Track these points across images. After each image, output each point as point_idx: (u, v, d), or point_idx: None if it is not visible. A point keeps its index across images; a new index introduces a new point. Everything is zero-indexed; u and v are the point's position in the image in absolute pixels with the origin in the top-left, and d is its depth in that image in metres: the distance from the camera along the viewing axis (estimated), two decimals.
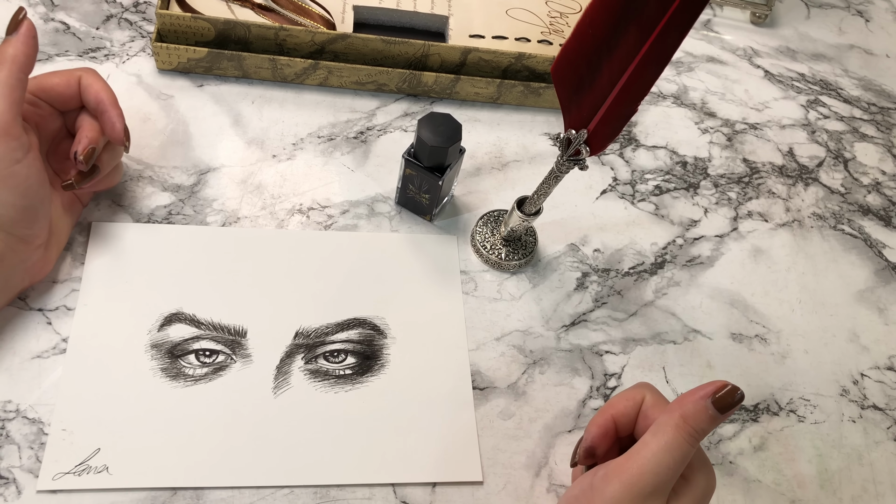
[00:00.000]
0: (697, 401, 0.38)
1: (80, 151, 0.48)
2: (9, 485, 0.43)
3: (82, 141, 0.48)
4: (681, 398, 0.39)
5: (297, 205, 0.58)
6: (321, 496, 0.46)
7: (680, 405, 0.39)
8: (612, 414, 0.44)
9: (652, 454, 0.38)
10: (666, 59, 0.41)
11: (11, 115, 0.42)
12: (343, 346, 0.51)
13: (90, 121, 0.49)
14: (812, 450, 0.54)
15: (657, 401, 0.43)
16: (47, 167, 0.49)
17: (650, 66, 0.41)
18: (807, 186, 0.69)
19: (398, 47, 0.63)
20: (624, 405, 0.44)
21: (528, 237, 0.59)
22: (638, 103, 0.43)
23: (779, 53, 0.79)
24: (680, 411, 0.38)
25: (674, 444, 0.38)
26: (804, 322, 0.60)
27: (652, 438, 0.38)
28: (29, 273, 0.48)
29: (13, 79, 0.43)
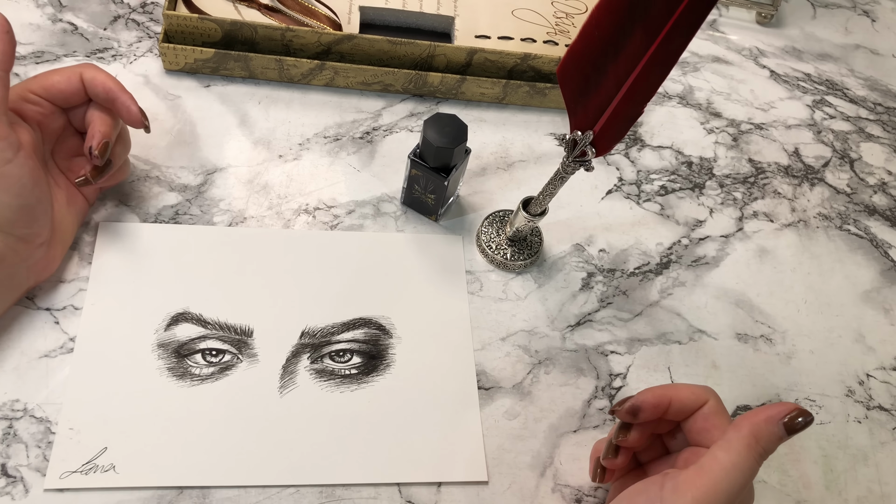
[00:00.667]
0: (769, 420, 0.39)
1: (95, 146, 0.48)
2: (16, 483, 0.44)
3: (95, 136, 0.48)
4: (751, 416, 0.39)
5: (303, 205, 0.58)
6: (327, 495, 0.46)
7: (750, 424, 0.39)
8: (672, 396, 0.43)
9: (724, 471, 0.38)
10: (672, 61, 0.41)
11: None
12: (349, 345, 0.52)
13: (101, 115, 0.49)
14: (817, 450, 0.54)
15: (719, 410, 0.43)
16: (50, 166, 0.50)
17: (656, 68, 0.41)
18: (812, 187, 0.69)
19: (404, 48, 0.63)
20: (686, 395, 0.43)
21: (534, 237, 0.59)
22: (644, 105, 0.43)
23: (785, 53, 0.79)
24: (751, 429, 0.38)
25: (745, 464, 0.38)
26: (810, 322, 0.60)
27: (724, 455, 0.38)
28: (33, 272, 0.48)
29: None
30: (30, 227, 0.45)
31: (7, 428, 0.45)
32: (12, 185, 0.43)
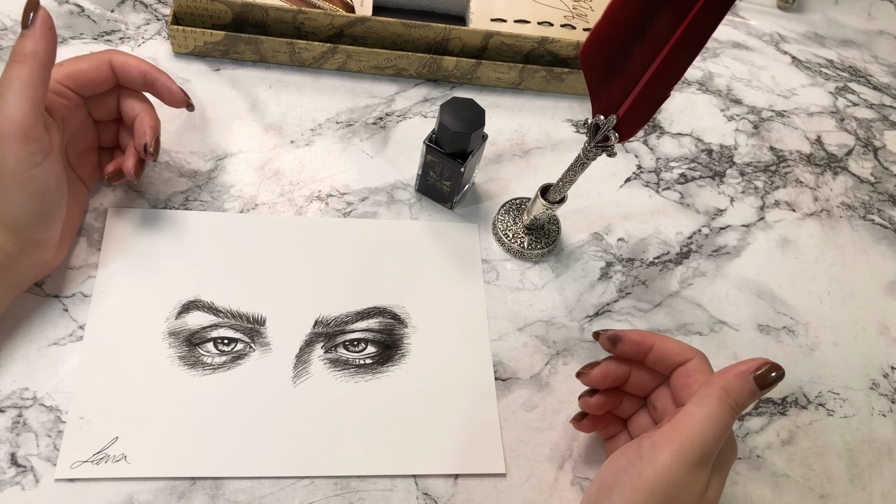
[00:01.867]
0: (739, 375, 0.39)
1: (150, 142, 0.47)
2: (27, 473, 0.43)
3: (147, 131, 0.47)
4: (722, 372, 0.40)
5: (315, 191, 0.57)
6: (341, 487, 0.45)
7: (722, 378, 0.40)
8: (657, 342, 0.44)
9: (699, 423, 0.38)
10: (702, 42, 0.39)
11: (33, 116, 0.40)
12: (363, 335, 0.50)
13: (143, 106, 0.49)
14: (841, 444, 0.53)
15: (703, 368, 0.43)
16: (65, 162, 0.48)
17: (685, 49, 0.40)
18: (835, 175, 0.68)
19: (418, 31, 0.62)
20: (671, 346, 0.44)
21: (552, 226, 0.58)
22: (671, 88, 0.42)
23: (806, 39, 0.77)
24: (722, 384, 0.39)
25: (718, 416, 0.38)
26: (833, 314, 0.59)
27: (696, 409, 0.39)
28: (41, 269, 0.47)
29: (35, 77, 0.40)
30: (46, 231, 0.44)
31: (17, 417, 0.44)
32: (37, 189, 0.41)
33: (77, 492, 0.43)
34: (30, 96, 0.40)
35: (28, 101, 0.40)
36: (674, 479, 0.38)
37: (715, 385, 0.39)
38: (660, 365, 0.44)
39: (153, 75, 0.48)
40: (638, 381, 0.46)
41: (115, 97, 0.50)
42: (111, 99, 0.50)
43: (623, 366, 0.46)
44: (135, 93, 0.50)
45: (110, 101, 0.50)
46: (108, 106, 0.50)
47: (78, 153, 0.50)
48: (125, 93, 0.49)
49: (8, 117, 0.39)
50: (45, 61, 0.41)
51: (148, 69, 0.48)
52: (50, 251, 0.46)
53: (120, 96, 0.50)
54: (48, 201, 0.43)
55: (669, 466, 0.38)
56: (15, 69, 0.40)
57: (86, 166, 0.51)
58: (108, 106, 0.50)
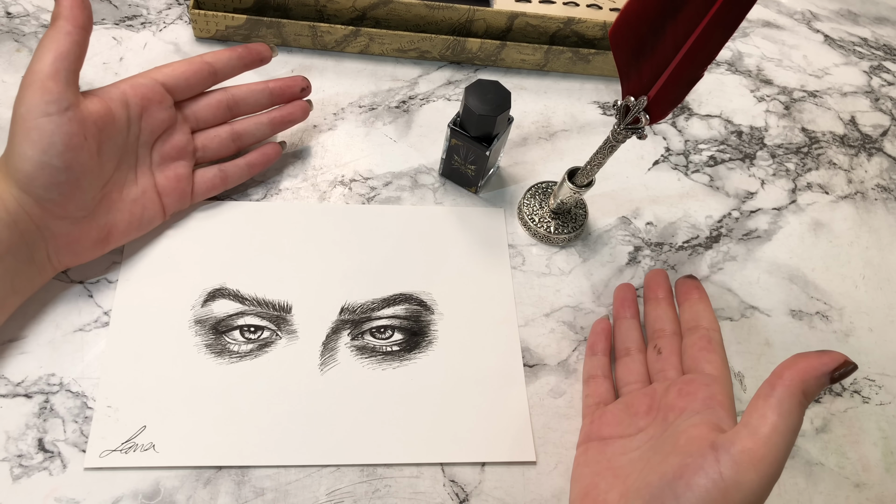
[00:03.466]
0: (821, 376, 0.34)
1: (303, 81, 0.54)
2: (54, 458, 0.43)
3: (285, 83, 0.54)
4: (800, 370, 0.35)
5: (338, 176, 0.56)
6: (368, 474, 0.45)
7: (800, 378, 0.34)
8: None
9: (782, 437, 0.34)
10: (738, 20, 0.38)
11: (53, 69, 0.41)
12: (390, 321, 0.50)
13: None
14: (877, 432, 0.52)
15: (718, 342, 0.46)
16: (142, 156, 0.48)
17: (719, 28, 0.39)
18: (870, 157, 0.66)
19: (442, 12, 0.61)
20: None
21: (578, 210, 0.57)
22: (705, 68, 0.41)
23: (839, 17, 0.75)
24: (801, 386, 0.34)
25: (797, 423, 0.34)
26: (868, 299, 0.57)
27: (779, 419, 0.34)
28: (54, 247, 0.44)
29: (61, 33, 0.41)
30: (48, 190, 0.42)
31: (43, 402, 0.44)
32: (41, 138, 0.41)
33: (104, 477, 0.43)
34: (53, 50, 0.41)
35: (50, 55, 0.41)
36: (756, 501, 0.34)
37: (794, 386, 0.34)
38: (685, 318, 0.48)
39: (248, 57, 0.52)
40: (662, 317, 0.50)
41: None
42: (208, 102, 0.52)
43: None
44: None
45: (206, 105, 0.51)
46: (197, 113, 0.51)
47: (162, 157, 0.49)
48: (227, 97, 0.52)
49: (31, 69, 0.41)
50: (70, 18, 0.42)
51: (242, 52, 0.52)
52: (60, 224, 0.44)
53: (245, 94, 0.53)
54: (51, 155, 0.41)
55: (757, 491, 0.34)
56: (48, 30, 0.42)
57: (170, 176, 0.49)
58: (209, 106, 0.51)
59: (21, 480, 0.42)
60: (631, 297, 0.52)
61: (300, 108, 0.54)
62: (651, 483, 0.37)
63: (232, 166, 0.52)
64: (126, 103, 0.46)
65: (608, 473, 0.42)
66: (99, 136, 0.44)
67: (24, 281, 0.44)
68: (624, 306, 0.52)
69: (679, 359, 0.47)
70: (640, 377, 0.48)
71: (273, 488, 0.44)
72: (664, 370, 0.47)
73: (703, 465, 0.35)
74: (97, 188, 0.45)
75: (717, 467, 0.35)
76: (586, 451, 0.45)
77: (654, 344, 0.49)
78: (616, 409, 0.46)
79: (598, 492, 0.41)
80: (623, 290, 0.53)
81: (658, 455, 0.39)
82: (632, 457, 0.42)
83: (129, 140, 0.47)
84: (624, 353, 0.50)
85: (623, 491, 0.39)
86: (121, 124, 0.45)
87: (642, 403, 0.45)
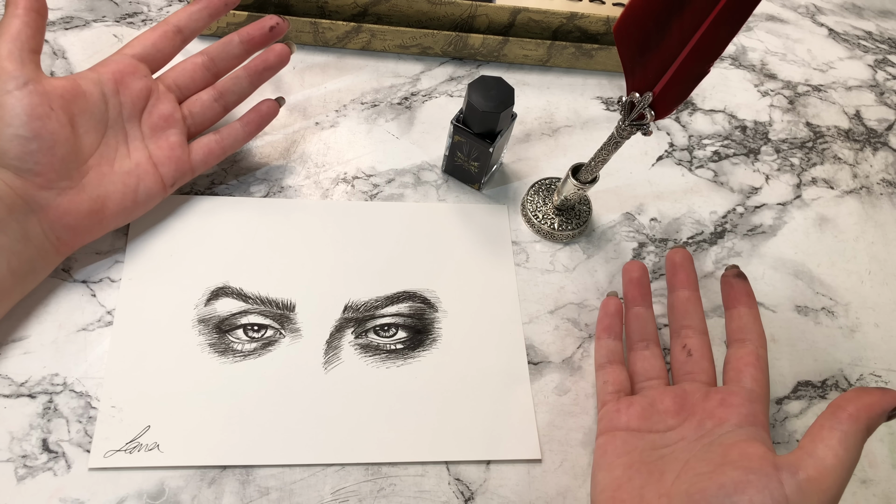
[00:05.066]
0: (884, 413, 0.36)
1: (273, 20, 0.52)
2: (58, 459, 0.43)
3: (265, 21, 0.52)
4: (865, 406, 0.36)
5: (341, 174, 0.56)
6: (372, 473, 0.45)
7: (867, 417, 0.36)
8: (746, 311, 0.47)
9: (845, 469, 0.35)
10: (745, 15, 0.38)
11: (6, 49, 0.42)
12: (393, 319, 0.50)
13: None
14: (884, 428, 0.51)
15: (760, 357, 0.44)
16: (132, 128, 0.48)
17: (726, 22, 0.38)
18: (875, 151, 0.65)
19: (444, 8, 0.60)
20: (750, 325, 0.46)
21: (582, 206, 0.57)
22: (711, 64, 0.40)
23: (844, 10, 0.75)
24: (867, 423, 0.36)
25: (857, 456, 0.36)
26: (874, 294, 0.57)
27: (844, 452, 0.35)
28: (46, 220, 0.44)
29: (10, 17, 0.43)
30: (22, 160, 0.42)
31: (47, 402, 0.44)
32: (4, 114, 0.42)
33: (108, 477, 0.42)
34: (4, 34, 0.43)
35: (3, 40, 0.43)
36: None
37: (860, 422, 0.36)
38: (733, 328, 0.46)
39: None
40: (691, 311, 0.49)
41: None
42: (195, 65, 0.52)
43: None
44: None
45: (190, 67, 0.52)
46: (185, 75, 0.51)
47: (152, 128, 0.49)
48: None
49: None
50: (19, 2, 0.43)
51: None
52: (44, 194, 0.44)
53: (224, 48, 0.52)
54: (17, 126, 0.42)
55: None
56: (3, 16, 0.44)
57: (162, 146, 0.49)
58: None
59: (26, 481, 0.42)
60: (646, 283, 0.51)
61: (274, 52, 0.52)
62: (706, 490, 0.37)
63: (227, 128, 0.52)
64: (98, 80, 0.46)
65: (642, 468, 0.41)
66: (68, 108, 0.44)
67: (24, 262, 0.43)
68: (639, 293, 0.50)
69: (711, 364, 0.46)
70: (660, 373, 0.47)
71: (278, 487, 0.43)
72: (693, 373, 0.46)
73: (767, 485, 0.35)
74: (77, 158, 0.45)
75: (783, 490, 0.35)
76: (613, 440, 0.44)
77: (682, 343, 0.47)
78: (640, 402, 0.45)
79: (631, 486, 0.40)
80: (636, 270, 0.51)
81: (703, 462, 0.39)
82: (664, 454, 0.41)
83: (110, 114, 0.47)
84: (642, 345, 0.48)
85: (663, 491, 0.39)
86: (94, 98, 0.46)
87: (670, 402, 0.44)
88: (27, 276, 0.44)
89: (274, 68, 0.53)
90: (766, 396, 0.43)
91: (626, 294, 0.50)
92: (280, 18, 0.52)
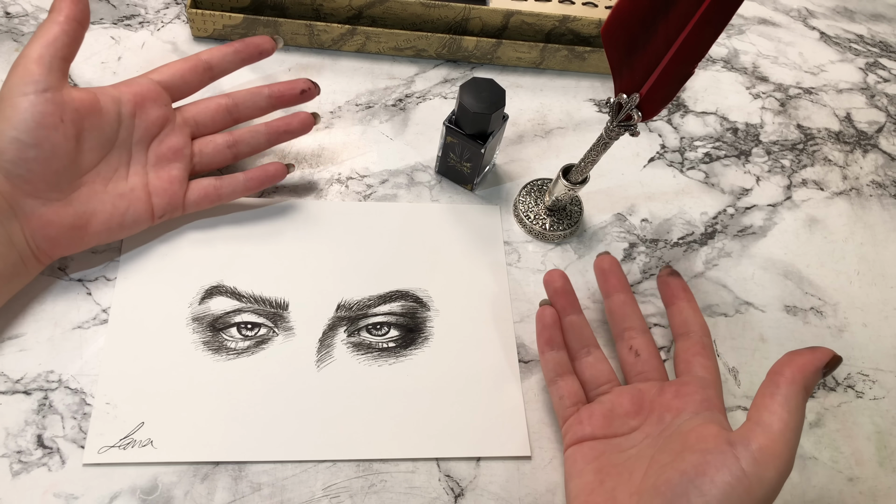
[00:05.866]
0: (818, 371, 0.37)
1: (305, 84, 0.53)
2: (53, 454, 0.43)
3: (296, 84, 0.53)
4: (798, 367, 0.37)
5: (335, 174, 0.57)
6: (364, 469, 0.45)
7: (803, 377, 0.37)
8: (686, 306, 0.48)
9: (792, 432, 0.36)
10: (727, 16, 0.38)
11: (38, 53, 0.42)
12: (386, 318, 0.50)
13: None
14: (871, 426, 0.52)
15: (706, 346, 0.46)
16: (137, 152, 0.48)
17: (710, 24, 0.39)
18: (865, 153, 0.66)
19: (438, 11, 0.61)
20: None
21: (574, 207, 0.57)
22: (696, 64, 0.41)
23: (835, 14, 0.76)
24: (803, 382, 0.37)
25: (802, 417, 0.37)
26: (863, 294, 0.58)
27: (788, 416, 0.36)
28: (29, 229, 0.44)
29: (52, 22, 0.43)
30: (16, 165, 0.42)
31: (42, 399, 0.45)
32: (14, 115, 0.42)
33: (102, 473, 0.43)
34: (41, 37, 0.43)
35: (38, 41, 0.43)
36: (773, 497, 0.36)
37: (797, 383, 0.37)
38: (675, 323, 0.48)
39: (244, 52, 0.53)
40: (629, 314, 0.49)
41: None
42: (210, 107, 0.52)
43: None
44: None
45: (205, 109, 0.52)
46: (196, 115, 0.52)
47: (158, 157, 0.49)
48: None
49: (20, 54, 0.43)
50: (62, 10, 0.44)
51: (238, 47, 0.52)
52: (31, 202, 0.44)
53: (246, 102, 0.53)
54: (21, 130, 0.42)
55: (775, 486, 0.35)
56: (43, 21, 0.44)
57: (162, 176, 0.49)
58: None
59: (20, 476, 0.42)
60: (570, 290, 0.49)
61: (299, 119, 0.53)
62: (671, 480, 0.37)
63: (229, 178, 0.51)
64: (118, 100, 0.47)
65: (612, 470, 0.42)
66: (80, 123, 0.44)
67: (7, 265, 0.44)
68: (567, 302, 0.49)
69: (660, 361, 0.47)
70: (609, 377, 0.47)
71: (270, 483, 0.44)
72: (645, 372, 0.47)
73: (725, 462, 0.36)
74: (73, 173, 0.45)
75: (739, 463, 0.36)
76: (581, 449, 0.45)
77: (628, 344, 0.48)
78: (600, 409, 0.45)
79: (603, 489, 0.41)
80: (557, 280, 0.49)
81: (665, 453, 0.40)
82: (630, 454, 0.42)
83: (121, 135, 0.47)
84: (584, 352, 0.48)
85: (633, 490, 0.39)
86: (110, 117, 0.46)
87: (629, 404, 0.45)
88: (11, 279, 0.45)
89: (295, 133, 0.53)
90: (717, 382, 0.44)
91: (554, 305, 0.49)
92: (313, 84, 0.53)
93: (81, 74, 0.58)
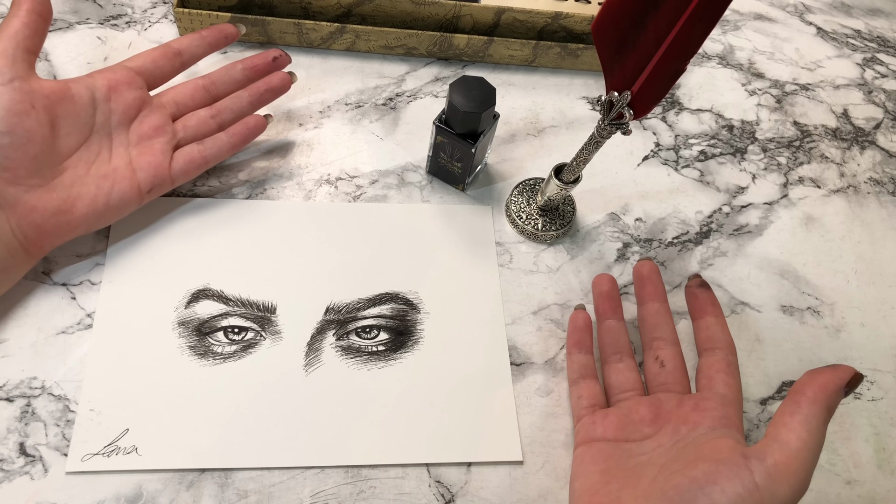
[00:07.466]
0: (839, 390, 0.36)
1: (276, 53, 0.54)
2: (35, 462, 0.43)
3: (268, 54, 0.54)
4: (821, 386, 0.36)
5: (324, 175, 0.56)
6: (353, 475, 0.45)
7: (825, 396, 0.36)
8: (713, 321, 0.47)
9: (810, 451, 0.35)
10: (718, 12, 0.38)
11: (1, 47, 0.43)
12: (375, 321, 0.50)
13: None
14: (869, 428, 0.51)
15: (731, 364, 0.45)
16: (118, 134, 0.48)
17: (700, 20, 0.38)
18: (863, 150, 0.65)
19: (428, 8, 0.60)
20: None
21: (566, 206, 0.56)
22: (687, 61, 0.40)
23: (832, 9, 0.75)
24: (826, 403, 0.36)
25: (823, 437, 0.36)
26: (860, 293, 0.57)
27: (807, 434, 0.36)
28: (13, 216, 0.44)
29: (13, 16, 0.44)
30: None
31: (25, 406, 0.44)
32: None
33: (86, 481, 0.42)
34: (2, 32, 0.44)
35: (0, 37, 0.44)
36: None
37: (819, 403, 0.36)
38: (701, 338, 0.47)
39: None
40: (661, 323, 0.49)
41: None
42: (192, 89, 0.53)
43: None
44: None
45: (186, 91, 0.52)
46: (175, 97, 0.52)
47: (139, 137, 0.49)
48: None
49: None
50: (22, 4, 0.44)
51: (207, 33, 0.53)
52: (13, 189, 0.43)
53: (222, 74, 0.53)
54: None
55: (792, 500, 0.35)
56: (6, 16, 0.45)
57: (143, 151, 0.49)
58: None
59: (2, 485, 0.42)
60: (616, 295, 0.51)
61: (279, 76, 0.54)
62: (680, 485, 0.37)
63: (211, 139, 0.52)
64: (91, 86, 0.47)
65: (619, 474, 0.41)
66: (52, 109, 0.45)
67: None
68: (610, 306, 0.50)
69: (684, 374, 0.47)
70: (635, 385, 0.47)
71: (257, 490, 0.43)
72: (667, 384, 0.46)
73: (737, 473, 0.36)
74: (53, 159, 0.45)
75: (752, 476, 0.35)
76: (590, 449, 0.44)
77: (655, 354, 0.47)
78: (616, 413, 0.45)
79: (608, 490, 0.41)
80: (606, 283, 0.51)
81: (678, 462, 0.39)
82: (640, 461, 0.42)
83: (98, 119, 0.47)
84: (615, 358, 0.48)
85: (640, 493, 0.39)
86: (83, 102, 0.46)
87: (646, 411, 0.44)
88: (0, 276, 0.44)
89: (276, 91, 0.54)
90: (738, 401, 0.43)
91: (596, 307, 0.50)
92: (283, 52, 0.54)
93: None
